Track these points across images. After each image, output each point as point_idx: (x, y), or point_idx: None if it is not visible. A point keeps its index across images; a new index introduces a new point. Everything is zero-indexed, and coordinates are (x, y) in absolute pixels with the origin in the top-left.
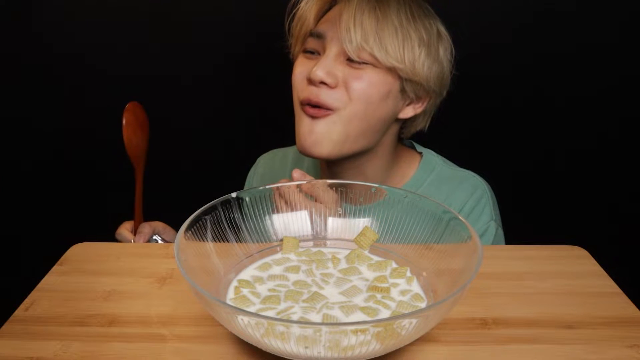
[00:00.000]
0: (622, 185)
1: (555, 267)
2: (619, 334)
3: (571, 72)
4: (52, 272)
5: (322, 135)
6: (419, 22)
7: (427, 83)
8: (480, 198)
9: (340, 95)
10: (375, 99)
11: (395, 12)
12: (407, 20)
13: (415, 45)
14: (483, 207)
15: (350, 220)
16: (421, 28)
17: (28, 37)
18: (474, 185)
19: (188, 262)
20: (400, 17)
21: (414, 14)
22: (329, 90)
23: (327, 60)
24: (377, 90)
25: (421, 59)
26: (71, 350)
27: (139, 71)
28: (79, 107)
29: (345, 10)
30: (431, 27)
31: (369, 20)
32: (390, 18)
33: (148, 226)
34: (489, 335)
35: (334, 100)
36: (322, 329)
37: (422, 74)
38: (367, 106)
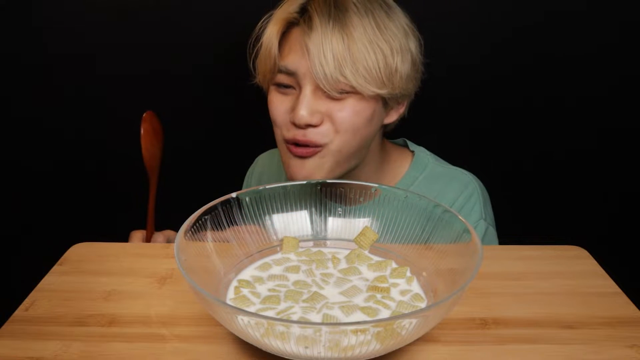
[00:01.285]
0: (623, 185)
1: (555, 267)
2: (619, 334)
3: (571, 72)
4: (52, 272)
5: (313, 170)
6: (385, 29)
7: (407, 89)
8: (470, 196)
9: (327, 130)
10: (361, 125)
11: (360, 28)
12: (374, 31)
13: (389, 58)
14: (473, 205)
15: (350, 220)
16: (390, 35)
17: (29, 37)
18: (464, 183)
19: (188, 262)
20: (366, 32)
21: (378, 22)
22: (314, 129)
23: (306, 99)
24: (362, 117)
25: (398, 70)
26: (71, 350)
27: (139, 71)
28: (79, 107)
29: (311, 40)
30: (398, 28)
31: (338, 47)
32: (358, 37)
33: (162, 236)
34: (489, 335)
35: (322, 137)
36: (322, 329)
37: (402, 85)
38: (354, 133)
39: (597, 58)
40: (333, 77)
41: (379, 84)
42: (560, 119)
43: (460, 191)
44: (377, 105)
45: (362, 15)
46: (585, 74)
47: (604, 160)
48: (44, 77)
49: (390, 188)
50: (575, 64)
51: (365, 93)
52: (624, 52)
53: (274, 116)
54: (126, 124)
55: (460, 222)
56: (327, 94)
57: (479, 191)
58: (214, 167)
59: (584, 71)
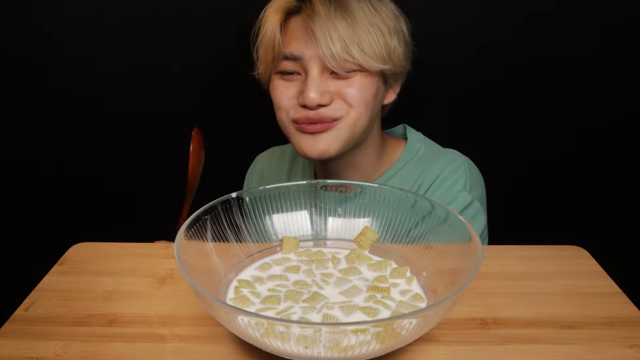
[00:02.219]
0: (623, 186)
1: (555, 267)
2: (619, 334)
3: (570, 70)
4: (52, 272)
5: (327, 145)
6: (381, 12)
7: (404, 66)
8: (456, 170)
9: (339, 105)
10: (370, 99)
11: (360, 12)
12: (372, 14)
13: (387, 37)
14: (457, 178)
15: (350, 220)
16: (385, 17)
17: (32, 35)
18: (452, 159)
19: (188, 262)
20: (366, 14)
21: (374, 5)
22: (326, 107)
23: (315, 81)
24: (370, 92)
25: (396, 49)
26: (71, 350)
27: (139, 71)
28: (80, 107)
29: (316, 24)
30: (390, 11)
31: (343, 29)
32: (359, 19)
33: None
34: (489, 335)
35: (335, 111)
36: (322, 329)
37: (400, 63)
38: (366, 107)
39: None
40: (341, 57)
41: (382, 61)
42: (560, 119)
43: (446, 165)
44: (380, 82)
45: (359, 0)
46: (584, 73)
47: (604, 160)
48: (44, 78)
49: (390, 188)
50: (575, 61)
51: (372, 69)
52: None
53: (278, 100)
54: (128, 124)
55: (461, 222)
56: (333, 75)
57: (466, 167)
58: (214, 167)
59: (584, 70)
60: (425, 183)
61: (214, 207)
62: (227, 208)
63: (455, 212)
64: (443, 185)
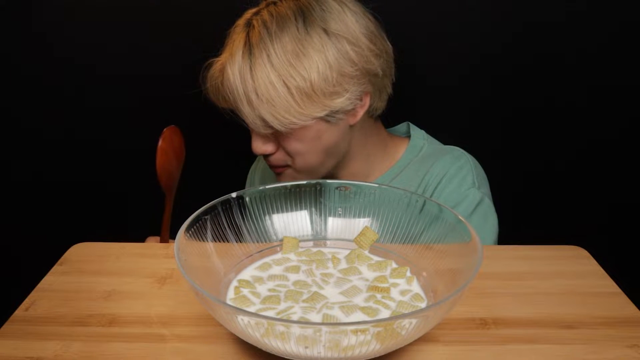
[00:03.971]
0: (623, 186)
1: (555, 267)
2: (619, 334)
3: (574, 73)
4: (52, 272)
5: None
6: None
7: (346, 100)
8: (462, 167)
9: (282, 155)
10: (309, 147)
11: (267, 67)
12: (281, 63)
13: (301, 84)
14: (465, 175)
15: (350, 220)
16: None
17: (30, 38)
18: (456, 156)
19: (188, 262)
20: (273, 68)
21: (283, 51)
22: (272, 155)
23: (254, 136)
24: (307, 140)
25: (316, 91)
26: (71, 350)
27: (139, 71)
28: (80, 107)
29: (229, 87)
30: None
31: (247, 91)
32: (264, 78)
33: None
34: (489, 335)
35: (280, 160)
36: (322, 329)
37: (336, 101)
38: (307, 154)
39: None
40: (253, 120)
41: (296, 117)
42: (560, 119)
43: (452, 163)
44: (321, 124)
45: (269, 48)
46: (586, 75)
47: (604, 160)
48: (44, 78)
49: (390, 188)
50: (579, 64)
51: (283, 131)
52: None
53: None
54: (127, 125)
55: (463, 223)
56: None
57: (471, 164)
58: (214, 167)
59: (585, 72)
60: (432, 182)
61: (214, 207)
62: (227, 208)
63: (455, 212)
64: (451, 183)
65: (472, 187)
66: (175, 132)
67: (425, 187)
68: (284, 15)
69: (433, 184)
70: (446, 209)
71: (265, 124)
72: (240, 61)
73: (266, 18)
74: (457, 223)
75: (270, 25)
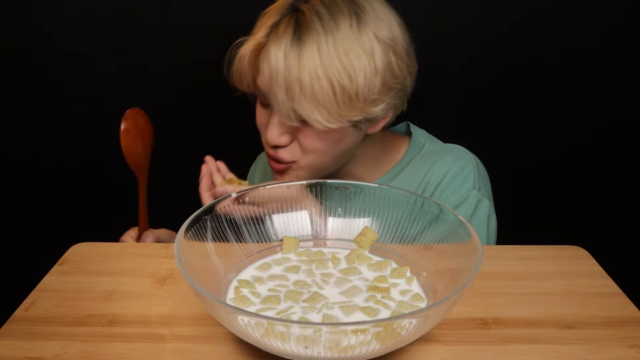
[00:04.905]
0: (623, 186)
1: (555, 267)
2: (619, 334)
3: (570, 69)
4: (52, 272)
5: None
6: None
7: (373, 112)
8: (464, 167)
9: (293, 149)
10: (328, 147)
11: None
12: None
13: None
14: (466, 175)
15: (350, 220)
16: (352, 57)
17: (29, 34)
18: (458, 155)
19: (188, 262)
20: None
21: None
22: (283, 148)
23: (274, 121)
24: (329, 140)
25: (360, 96)
26: (71, 350)
27: (140, 71)
28: (80, 107)
29: (267, 67)
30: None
31: (291, 79)
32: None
33: (151, 235)
34: (489, 335)
35: (289, 155)
36: (322, 329)
37: (366, 108)
38: (322, 154)
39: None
40: (286, 109)
41: (334, 117)
42: (560, 119)
43: (454, 162)
44: (346, 129)
45: (321, 42)
46: (586, 70)
47: (604, 160)
48: (44, 77)
49: (390, 188)
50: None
51: (318, 128)
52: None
53: (257, 126)
54: None
55: (462, 222)
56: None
57: (473, 163)
58: None
59: (585, 68)
60: (433, 181)
61: (214, 207)
62: None
63: (455, 212)
64: (452, 183)
65: (473, 188)
66: (139, 113)
67: (426, 185)
68: (338, 8)
69: (434, 183)
70: (446, 209)
71: (297, 116)
72: (287, 45)
73: (319, 8)
74: (457, 223)
75: (324, 16)
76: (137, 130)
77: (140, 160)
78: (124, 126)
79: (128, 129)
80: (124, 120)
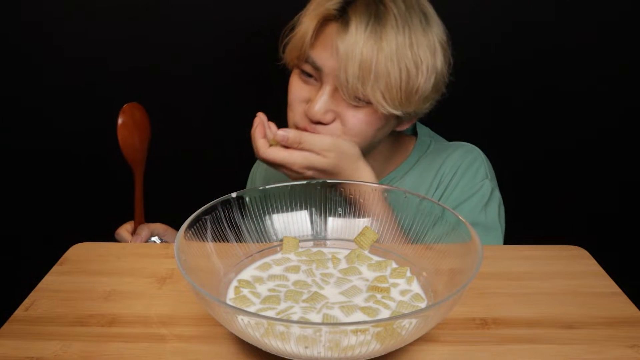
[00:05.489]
0: (623, 185)
1: (555, 267)
2: (619, 334)
3: (575, 66)
4: (52, 272)
5: None
6: (417, 46)
7: (422, 108)
8: (475, 160)
9: (335, 129)
10: (370, 134)
11: (393, 43)
12: (406, 46)
13: (413, 78)
14: (477, 167)
15: (350, 220)
16: (421, 53)
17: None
18: (468, 149)
19: (188, 262)
20: (398, 48)
21: (412, 38)
22: (324, 126)
23: (323, 97)
24: (373, 127)
25: (420, 90)
26: (71, 350)
27: (140, 70)
28: (80, 106)
29: (341, 43)
30: (429, 46)
31: (367, 59)
32: (389, 50)
33: (146, 228)
34: (489, 335)
35: (329, 133)
36: (322, 329)
37: (418, 105)
38: (363, 139)
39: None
40: (354, 87)
41: (396, 105)
42: (560, 118)
43: (465, 156)
44: (390, 119)
45: (398, 30)
46: (588, 68)
47: (604, 160)
48: (44, 76)
49: (391, 188)
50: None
51: (380, 111)
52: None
53: (291, 100)
54: None
55: (461, 221)
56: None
57: (483, 157)
58: (214, 167)
59: (588, 65)
60: (447, 174)
61: (214, 207)
62: (227, 208)
63: (455, 213)
64: (466, 174)
65: (485, 178)
66: (136, 107)
67: (440, 179)
68: (410, 2)
69: (448, 177)
70: (446, 209)
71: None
72: (369, 25)
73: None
74: (457, 223)
75: (400, 5)
76: (135, 124)
77: (137, 154)
78: (121, 120)
79: (125, 123)
80: (122, 114)
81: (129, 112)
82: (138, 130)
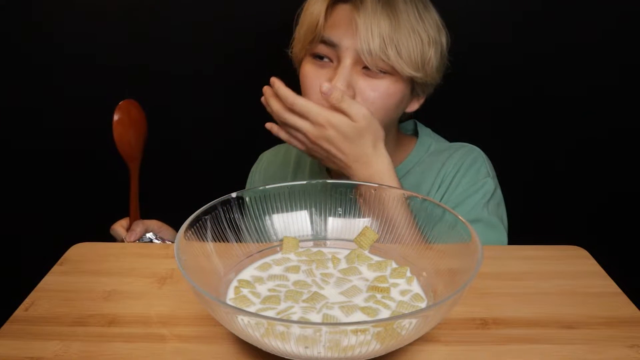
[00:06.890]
0: (623, 185)
1: (555, 267)
2: (619, 334)
3: (575, 69)
4: (52, 272)
5: None
6: (425, 20)
7: (434, 78)
8: (477, 159)
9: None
10: (390, 106)
11: (405, 14)
12: (416, 20)
13: (426, 46)
14: (479, 166)
15: (350, 220)
16: (428, 25)
17: (29, 32)
18: (469, 149)
19: (188, 262)
20: (410, 19)
21: (420, 12)
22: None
23: (344, 71)
24: (393, 99)
25: (432, 60)
26: (71, 350)
27: (140, 69)
28: (80, 105)
29: (360, 17)
30: (433, 20)
31: (385, 27)
32: (403, 21)
33: (141, 224)
34: (489, 335)
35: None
36: (322, 329)
37: (433, 75)
38: (385, 114)
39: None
40: (377, 54)
41: (416, 68)
42: (560, 120)
43: (467, 155)
44: (407, 90)
45: (407, 3)
46: (589, 70)
47: (604, 160)
48: (43, 76)
49: (391, 188)
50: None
51: (404, 73)
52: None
53: (307, 87)
54: None
55: (462, 222)
56: (364, 71)
57: (484, 156)
58: (214, 167)
59: (588, 65)
60: (449, 173)
61: (214, 207)
62: (227, 208)
63: (455, 213)
64: (468, 173)
65: (487, 176)
66: (132, 104)
67: (443, 178)
68: None
69: (450, 175)
70: (446, 209)
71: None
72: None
73: None
74: (457, 223)
75: None
76: (130, 120)
77: (132, 150)
78: (117, 116)
79: (121, 119)
80: (117, 111)
81: (125, 109)
82: (134, 127)
